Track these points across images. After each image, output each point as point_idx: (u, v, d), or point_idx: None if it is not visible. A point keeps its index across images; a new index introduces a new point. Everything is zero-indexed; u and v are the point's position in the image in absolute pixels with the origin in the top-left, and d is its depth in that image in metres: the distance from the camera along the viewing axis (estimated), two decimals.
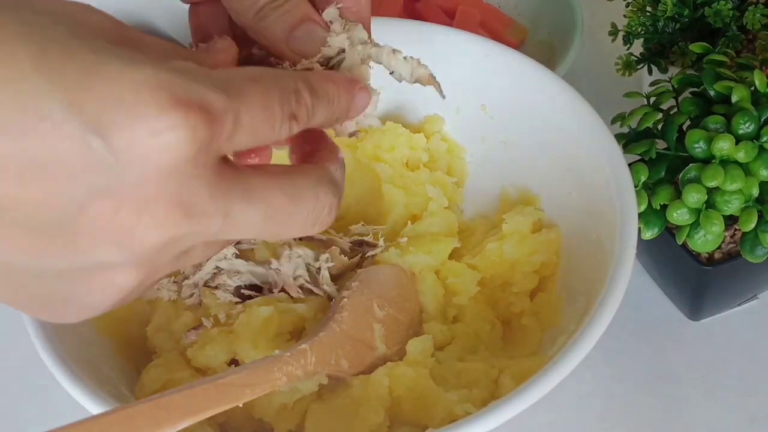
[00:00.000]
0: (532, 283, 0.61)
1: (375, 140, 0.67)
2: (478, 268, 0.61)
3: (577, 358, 0.47)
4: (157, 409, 0.40)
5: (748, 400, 0.63)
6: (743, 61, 0.64)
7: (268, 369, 0.48)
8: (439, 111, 0.69)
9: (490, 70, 0.65)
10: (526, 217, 0.62)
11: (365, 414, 0.52)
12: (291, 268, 0.58)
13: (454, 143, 0.69)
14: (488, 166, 0.68)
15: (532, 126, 0.64)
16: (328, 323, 0.54)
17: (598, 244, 0.55)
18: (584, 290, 0.54)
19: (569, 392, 0.63)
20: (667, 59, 0.71)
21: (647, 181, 0.59)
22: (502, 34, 0.84)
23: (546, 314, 0.59)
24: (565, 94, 0.61)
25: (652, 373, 0.65)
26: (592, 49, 0.83)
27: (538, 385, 0.46)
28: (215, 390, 0.44)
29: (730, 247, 0.61)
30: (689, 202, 0.57)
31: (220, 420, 0.54)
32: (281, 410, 0.54)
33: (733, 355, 0.66)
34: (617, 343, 0.65)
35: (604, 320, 0.49)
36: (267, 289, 0.58)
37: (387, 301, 0.57)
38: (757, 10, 0.67)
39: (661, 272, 0.68)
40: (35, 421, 0.64)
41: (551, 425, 0.62)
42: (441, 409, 0.52)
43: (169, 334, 0.57)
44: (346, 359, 0.53)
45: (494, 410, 0.45)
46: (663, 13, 0.69)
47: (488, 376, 0.55)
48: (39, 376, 0.53)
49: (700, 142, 0.57)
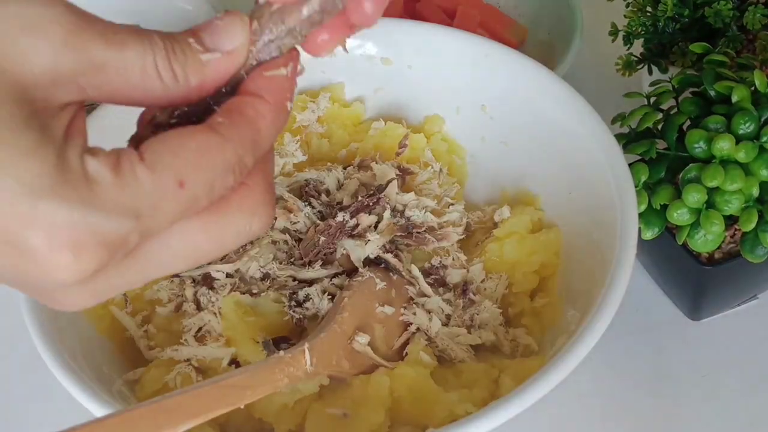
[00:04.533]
0: (532, 284, 0.61)
1: (375, 140, 0.68)
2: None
3: (577, 358, 0.47)
4: (159, 412, 0.40)
5: (748, 400, 0.63)
6: (743, 61, 0.64)
7: (269, 370, 0.48)
8: (439, 111, 0.69)
9: (490, 70, 0.66)
10: (526, 217, 0.62)
11: (365, 414, 0.52)
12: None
13: (454, 143, 0.69)
14: (488, 166, 0.68)
15: (532, 126, 0.64)
16: (329, 324, 0.54)
17: (598, 244, 0.55)
18: (584, 290, 0.54)
19: (569, 392, 0.63)
20: (667, 59, 0.71)
21: (647, 181, 0.59)
22: (502, 34, 0.84)
23: (546, 314, 0.59)
24: (565, 94, 0.61)
25: (652, 373, 0.65)
26: (592, 49, 0.83)
27: (538, 385, 0.46)
28: (217, 392, 0.44)
29: (730, 247, 0.61)
30: (689, 202, 0.57)
31: (221, 420, 0.54)
32: (281, 410, 0.54)
33: (733, 355, 0.66)
34: (617, 343, 0.65)
35: (604, 320, 0.49)
36: None
37: (387, 302, 0.57)
38: (757, 10, 0.67)
39: (662, 272, 0.68)
40: (36, 422, 0.64)
41: (551, 425, 0.62)
42: (441, 409, 0.52)
43: (169, 334, 0.57)
44: (347, 360, 0.54)
45: (494, 410, 0.45)
46: (663, 13, 0.69)
47: (488, 376, 0.55)
48: (40, 376, 0.53)
49: (700, 142, 0.57)
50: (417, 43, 0.68)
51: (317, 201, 0.63)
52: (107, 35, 0.33)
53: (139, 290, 0.59)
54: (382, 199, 0.61)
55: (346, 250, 0.59)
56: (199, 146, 0.34)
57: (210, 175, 0.34)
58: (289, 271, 0.59)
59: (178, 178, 0.33)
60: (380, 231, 0.59)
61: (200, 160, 0.34)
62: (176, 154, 0.33)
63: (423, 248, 0.61)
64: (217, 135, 0.34)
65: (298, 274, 0.59)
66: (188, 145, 0.34)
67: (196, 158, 0.34)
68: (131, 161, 0.32)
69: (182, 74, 0.34)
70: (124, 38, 0.33)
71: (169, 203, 0.33)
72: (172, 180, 0.33)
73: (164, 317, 0.58)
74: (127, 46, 0.33)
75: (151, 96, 0.34)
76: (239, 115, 0.35)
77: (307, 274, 0.58)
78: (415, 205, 0.62)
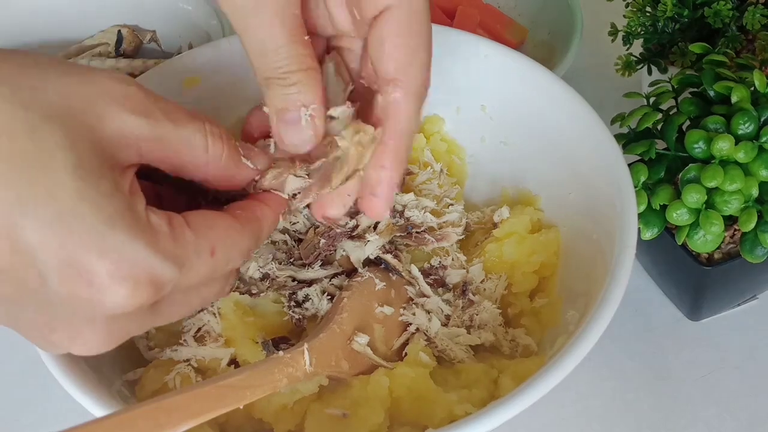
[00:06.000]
0: (532, 284, 0.61)
1: None
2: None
3: (577, 358, 0.47)
4: (159, 412, 0.40)
5: (748, 400, 0.63)
6: (743, 61, 0.64)
7: (268, 371, 0.48)
8: (439, 111, 0.69)
9: (490, 70, 0.66)
10: (526, 217, 0.62)
11: (365, 414, 0.52)
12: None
13: (454, 143, 0.69)
14: (488, 166, 0.68)
15: (532, 126, 0.64)
16: (328, 324, 0.54)
17: (598, 245, 0.55)
18: (584, 290, 0.54)
19: (569, 392, 0.63)
20: (666, 59, 0.71)
21: (647, 181, 0.59)
22: (502, 34, 0.84)
23: (546, 314, 0.59)
24: (565, 94, 0.61)
25: (652, 373, 0.65)
26: (592, 49, 0.83)
27: (538, 385, 0.46)
28: (216, 392, 0.44)
29: (730, 247, 0.61)
30: (689, 202, 0.57)
31: (220, 420, 0.54)
32: (281, 411, 0.54)
33: (733, 355, 0.66)
34: (617, 343, 0.65)
35: (604, 320, 0.49)
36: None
37: (386, 302, 0.57)
38: (757, 10, 0.67)
39: (661, 272, 0.68)
40: (36, 422, 0.64)
41: (551, 425, 0.62)
42: (441, 409, 0.52)
43: (168, 334, 0.57)
44: (347, 360, 0.54)
45: (494, 410, 0.45)
46: (663, 14, 0.69)
47: (488, 376, 0.55)
48: (40, 376, 0.53)
49: (700, 143, 0.57)
50: None
51: None
52: (170, 113, 0.39)
53: None
54: None
55: (346, 251, 0.59)
56: (227, 226, 0.41)
57: (232, 252, 0.41)
58: (289, 271, 0.59)
59: (211, 246, 0.40)
60: (380, 232, 0.59)
61: (228, 237, 0.41)
62: (211, 227, 0.40)
63: (422, 248, 0.61)
64: (238, 222, 0.42)
65: (298, 275, 0.59)
66: (220, 223, 0.41)
67: (225, 234, 0.41)
68: (180, 222, 0.39)
69: (226, 155, 0.42)
70: (183, 117, 0.40)
71: (202, 265, 0.39)
72: (207, 246, 0.40)
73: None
74: (185, 123, 0.40)
75: (195, 166, 0.41)
76: (251, 211, 0.44)
77: (307, 274, 0.58)
78: (415, 206, 0.62)
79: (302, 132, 0.45)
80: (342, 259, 0.59)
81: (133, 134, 0.38)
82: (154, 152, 0.39)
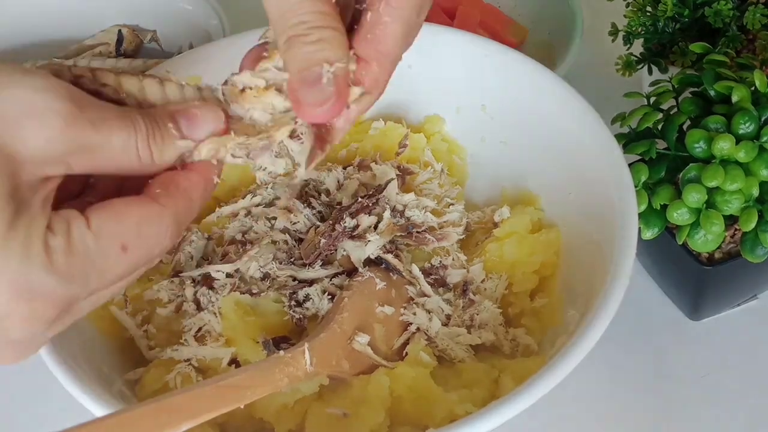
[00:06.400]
0: (532, 284, 0.61)
1: (375, 140, 0.68)
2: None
3: (577, 358, 0.47)
4: (159, 412, 0.41)
5: (748, 400, 0.63)
6: (743, 61, 0.64)
7: (269, 370, 0.48)
8: (439, 111, 0.69)
9: (490, 70, 0.66)
10: (526, 217, 0.62)
11: (365, 414, 0.52)
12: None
13: (454, 143, 0.69)
14: (488, 166, 0.68)
15: (532, 126, 0.64)
16: (329, 324, 0.54)
17: (598, 245, 0.55)
18: (584, 290, 0.54)
19: (569, 392, 0.63)
20: (667, 59, 0.71)
21: (647, 181, 0.59)
22: (502, 34, 0.84)
23: (546, 314, 0.59)
24: (565, 94, 0.61)
25: (652, 373, 0.65)
26: (592, 49, 0.83)
27: (538, 385, 0.46)
28: (217, 392, 0.44)
29: (730, 247, 0.61)
30: (689, 202, 0.57)
31: (221, 420, 0.54)
32: (282, 410, 0.54)
33: (733, 355, 0.66)
34: (617, 343, 0.65)
35: (604, 320, 0.49)
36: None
37: (387, 301, 0.57)
38: (757, 10, 0.67)
39: (661, 272, 0.68)
40: (36, 422, 0.64)
41: (551, 425, 0.62)
42: (441, 409, 0.52)
43: (169, 334, 0.58)
44: (347, 360, 0.54)
45: (494, 410, 0.45)
46: (663, 13, 0.69)
47: (488, 376, 0.55)
48: (40, 376, 0.53)
49: (701, 142, 0.58)
50: (417, 43, 0.68)
51: (317, 201, 0.63)
52: (96, 123, 0.37)
53: (139, 290, 0.59)
54: (382, 199, 0.61)
55: (347, 251, 0.59)
56: (140, 215, 0.39)
57: (150, 241, 0.39)
58: (289, 271, 0.59)
59: (120, 243, 0.38)
60: (380, 231, 0.59)
61: (141, 228, 0.39)
62: (120, 221, 0.38)
63: (423, 248, 0.61)
64: (156, 205, 0.39)
65: (298, 274, 0.59)
66: (131, 214, 0.39)
67: (137, 226, 0.39)
68: (81, 231, 0.37)
69: (158, 156, 0.39)
70: (112, 125, 0.38)
71: (113, 267, 0.38)
72: (116, 245, 0.38)
73: (164, 317, 0.58)
74: (113, 132, 0.38)
75: (127, 170, 0.39)
76: (175, 186, 0.40)
77: (307, 274, 0.58)
78: (415, 205, 0.62)
79: (323, 90, 0.40)
80: (342, 259, 0.59)
81: (57, 150, 0.36)
82: (83, 163, 0.37)
